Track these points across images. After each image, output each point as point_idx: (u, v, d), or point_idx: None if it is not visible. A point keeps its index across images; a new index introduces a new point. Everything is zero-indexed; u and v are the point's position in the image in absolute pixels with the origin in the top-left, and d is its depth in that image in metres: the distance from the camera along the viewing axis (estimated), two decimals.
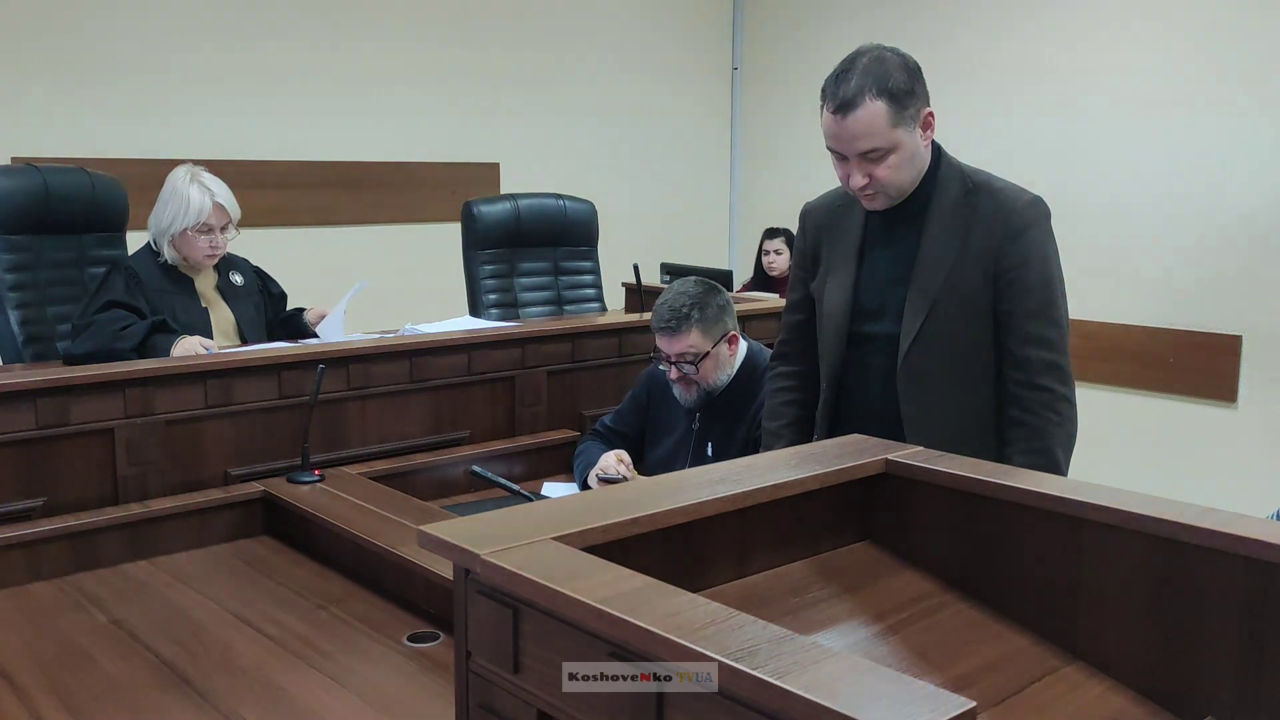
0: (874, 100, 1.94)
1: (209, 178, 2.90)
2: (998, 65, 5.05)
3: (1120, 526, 1.29)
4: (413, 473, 2.86)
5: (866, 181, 2.01)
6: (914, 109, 1.99)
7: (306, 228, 4.68)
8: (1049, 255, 2.04)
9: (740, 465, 1.49)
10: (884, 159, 1.99)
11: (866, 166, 2.00)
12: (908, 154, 2.00)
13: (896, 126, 1.97)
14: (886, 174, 2.00)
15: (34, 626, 2.05)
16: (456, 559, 1.18)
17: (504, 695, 1.16)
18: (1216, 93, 4.36)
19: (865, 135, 1.97)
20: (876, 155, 1.98)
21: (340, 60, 4.84)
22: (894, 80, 1.95)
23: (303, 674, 1.85)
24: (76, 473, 2.44)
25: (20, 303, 3.08)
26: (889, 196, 2.05)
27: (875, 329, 2.11)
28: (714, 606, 1.01)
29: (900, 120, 1.97)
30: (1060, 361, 2.02)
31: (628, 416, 3.01)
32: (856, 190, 2.04)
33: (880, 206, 2.08)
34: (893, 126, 1.96)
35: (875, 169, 1.99)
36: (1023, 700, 1.24)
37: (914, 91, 1.98)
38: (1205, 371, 4.45)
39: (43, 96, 4.14)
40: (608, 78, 5.78)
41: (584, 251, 4.22)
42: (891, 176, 2.01)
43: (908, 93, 1.97)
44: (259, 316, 3.10)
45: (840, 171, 2.05)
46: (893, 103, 1.95)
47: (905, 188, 2.05)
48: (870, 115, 1.95)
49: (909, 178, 2.04)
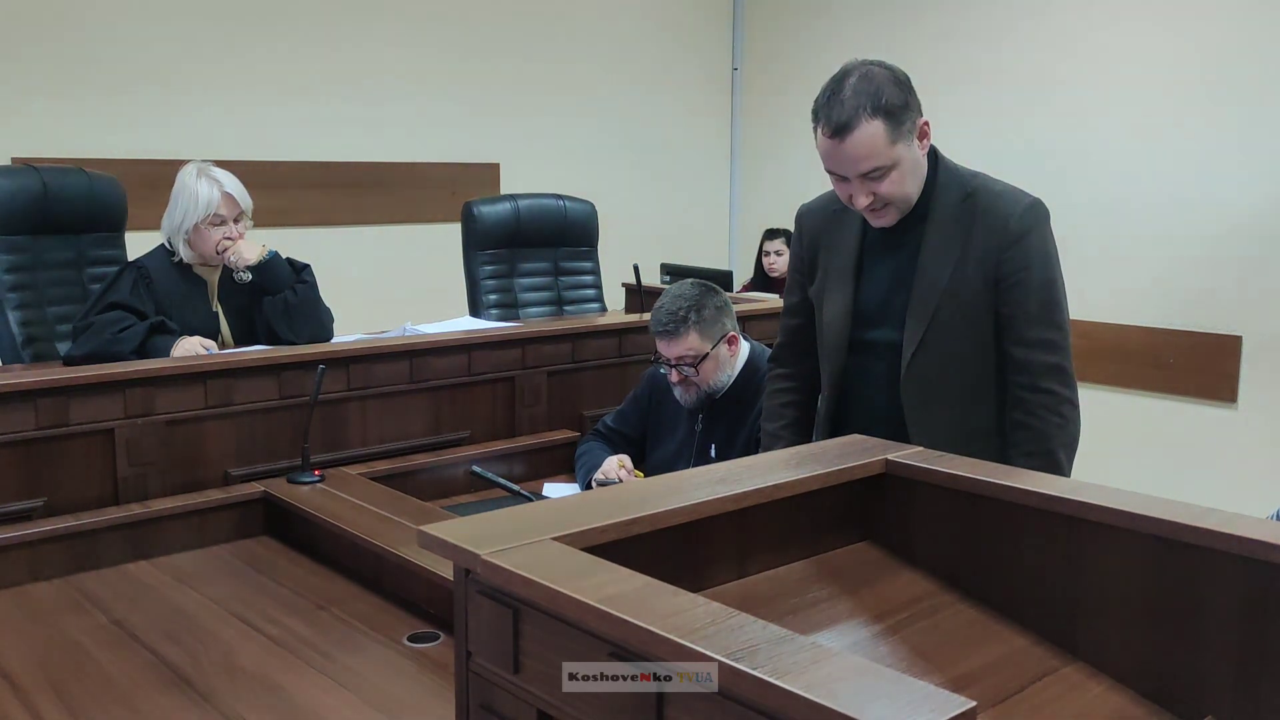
0: (870, 120, 1.93)
1: (218, 171, 2.89)
2: (998, 67, 5.05)
3: (1120, 526, 1.29)
4: (413, 473, 2.86)
5: (871, 199, 2.00)
6: (909, 122, 1.97)
7: (306, 228, 4.68)
8: (1050, 258, 2.04)
9: (740, 465, 1.49)
10: (886, 176, 1.97)
11: (869, 185, 1.98)
12: (909, 167, 2.00)
13: (895, 143, 1.95)
14: (890, 189, 1.99)
15: (34, 627, 2.06)
16: (457, 559, 1.18)
17: (504, 695, 1.16)
18: (1217, 93, 4.35)
19: (866, 157, 1.95)
20: (879, 174, 1.97)
21: (341, 61, 4.84)
22: (887, 96, 1.93)
23: (303, 674, 1.85)
24: (77, 473, 2.44)
25: (20, 303, 3.07)
26: (898, 210, 2.04)
27: (877, 336, 2.11)
28: (714, 606, 1.01)
29: (898, 136, 1.95)
30: (1063, 364, 2.02)
31: (629, 417, 3.01)
32: (862, 209, 2.03)
33: (890, 222, 2.06)
34: (892, 144, 1.95)
35: (878, 186, 1.98)
36: (1023, 700, 1.24)
37: (907, 105, 1.97)
38: (1205, 372, 4.45)
39: (42, 97, 4.14)
40: (608, 78, 5.78)
41: (584, 252, 4.22)
42: (895, 191, 2.00)
43: (902, 107, 1.95)
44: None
45: (842, 192, 2.04)
46: (889, 119, 1.94)
47: (912, 199, 2.05)
48: (869, 136, 1.93)
49: (913, 189, 2.03)
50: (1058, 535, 1.36)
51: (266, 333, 2.91)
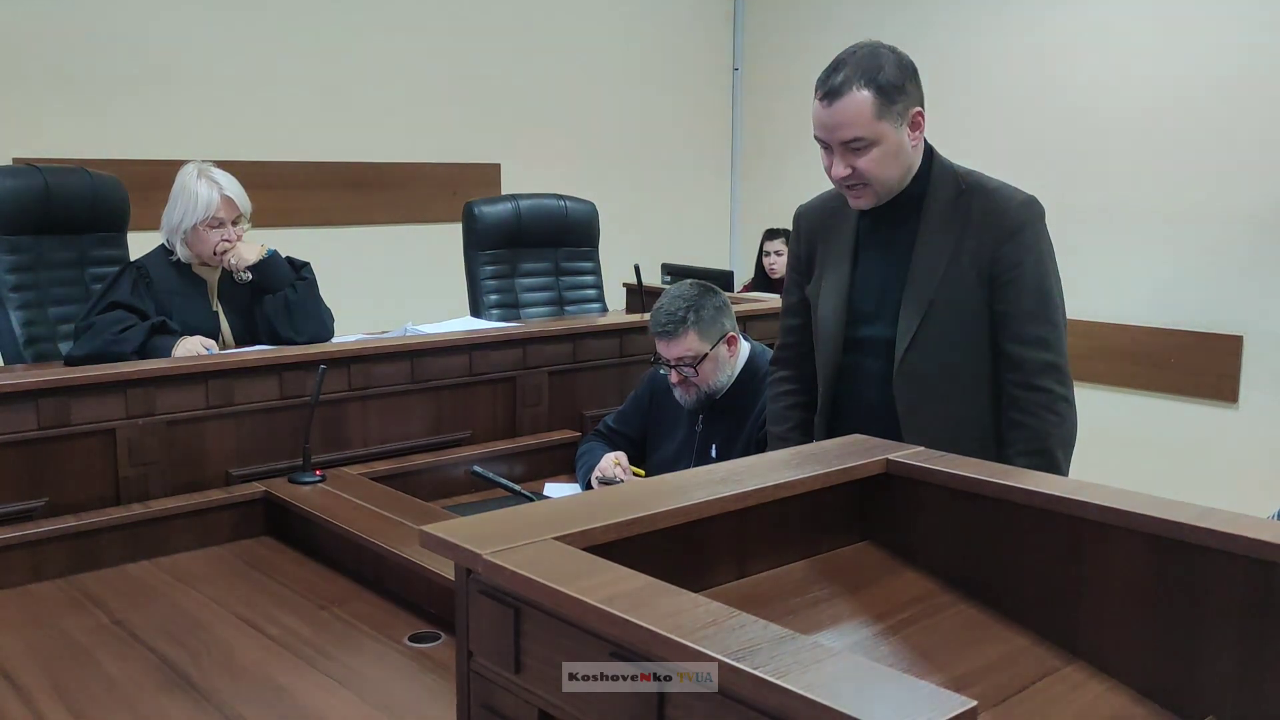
0: (861, 90, 1.95)
1: (218, 173, 2.89)
2: (999, 67, 5.05)
3: (1120, 526, 1.29)
4: (414, 473, 2.86)
5: (848, 173, 2.00)
6: (902, 105, 1.98)
7: (307, 228, 4.68)
8: (1044, 255, 2.04)
9: (740, 465, 1.49)
10: (867, 151, 1.98)
11: (849, 157, 2.00)
12: (892, 149, 1.99)
13: (881, 119, 1.96)
14: (868, 166, 1.99)
15: (35, 627, 2.06)
16: (458, 559, 1.18)
17: (505, 695, 1.16)
18: (1217, 93, 4.35)
19: (849, 124, 1.97)
20: (859, 146, 1.98)
21: (340, 60, 4.84)
22: (884, 74, 1.95)
23: (304, 674, 1.85)
24: (78, 473, 2.44)
25: (21, 303, 3.08)
26: (875, 194, 2.04)
27: (871, 333, 2.11)
28: (715, 606, 1.01)
29: (886, 114, 1.96)
30: (1058, 362, 2.02)
31: (630, 417, 3.01)
32: (839, 181, 2.04)
33: (866, 205, 2.07)
34: (877, 119, 1.96)
35: (857, 160, 1.99)
36: (1023, 700, 1.24)
37: (904, 89, 1.98)
38: (1206, 372, 4.45)
39: (44, 97, 4.14)
40: (608, 78, 5.78)
41: (585, 252, 4.22)
42: (874, 170, 2.00)
43: (897, 88, 1.96)
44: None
45: (825, 162, 2.05)
46: (880, 95, 1.95)
47: (891, 186, 2.04)
48: (855, 104, 1.95)
49: (893, 175, 2.03)
50: (1058, 535, 1.36)
51: (267, 332, 2.91)
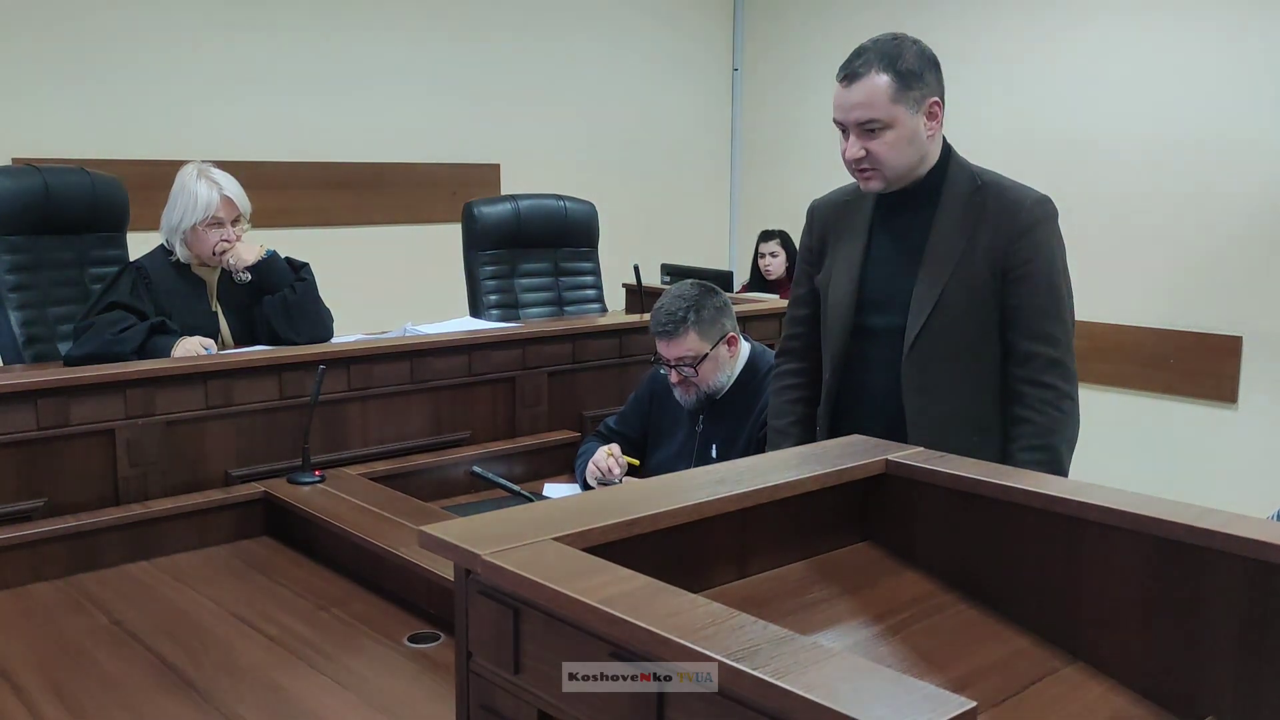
0: (879, 74, 2.00)
1: (218, 173, 2.89)
2: (1001, 66, 5.05)
3: (1120, 526, 1.29)
4: (413, 473, 2.86)
5: (862, 155, 2.04)
6: (919, 92, 2.01)
7: (306, 228, 4.68)
8: (1056, 253, 2.06)
9: (741, 465, 1.49)
10: (881, 134, 2.02)
11: (863, 139, 2.03)
12: (906, 134, 2.02)
13: (897, 103, 2.00)
14: (881, 150, 2.02)
15: (35, 627, 2.06)
16: (457, 559, 1.18)
17: (505, 695, 1.16)
18: (1218, 93, 4.35)
19: (864, 105, 2.01)
20: (874, 128, 2.02)
21: (340, 60, 4.84)
22: (904, 61, 2.00)
23: (303, 674, 1.85)
24: (77, 473, 2.44)
25: (21, 303, 3.07)
26: (884, 179, 2.07)
27: (881, 322, 2.12)
28: (714, 606, 1.01)
29: (902, 99, 2.00)
30: (1065, 359, 2.04)
31: (630, 418, 3.01)
32: (851, 163, 2.07)
33: (876, 188, 2.09)
34: (893, 102, 1.99)
35: (870, 142, 2.02)
36: (1023, 700, 1.24)
37: (922, 76, 2.01)
38: (1206, 372, 4.46)
39: (43, 96, 4.14)
40: (608, 78, 5.78)
41: (584, 252, 4.21)
42: (886, 154, 2.03)
43: (915, 75, 2.00)
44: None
45: (842, 145, 2.09)
46: (897, 79, 1.99)
47: (901, 172, 2.06)
48: (872, 86, 2.00)
49: (906, 160, 2.05)
50: (1058, 535, 1.36)
51: (266, 332, 2.91)
